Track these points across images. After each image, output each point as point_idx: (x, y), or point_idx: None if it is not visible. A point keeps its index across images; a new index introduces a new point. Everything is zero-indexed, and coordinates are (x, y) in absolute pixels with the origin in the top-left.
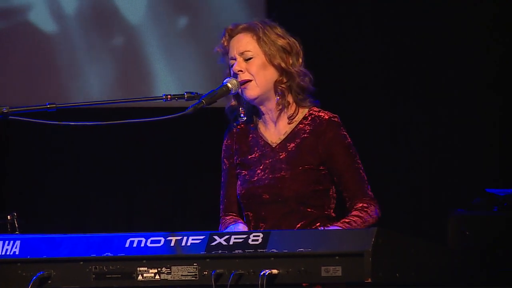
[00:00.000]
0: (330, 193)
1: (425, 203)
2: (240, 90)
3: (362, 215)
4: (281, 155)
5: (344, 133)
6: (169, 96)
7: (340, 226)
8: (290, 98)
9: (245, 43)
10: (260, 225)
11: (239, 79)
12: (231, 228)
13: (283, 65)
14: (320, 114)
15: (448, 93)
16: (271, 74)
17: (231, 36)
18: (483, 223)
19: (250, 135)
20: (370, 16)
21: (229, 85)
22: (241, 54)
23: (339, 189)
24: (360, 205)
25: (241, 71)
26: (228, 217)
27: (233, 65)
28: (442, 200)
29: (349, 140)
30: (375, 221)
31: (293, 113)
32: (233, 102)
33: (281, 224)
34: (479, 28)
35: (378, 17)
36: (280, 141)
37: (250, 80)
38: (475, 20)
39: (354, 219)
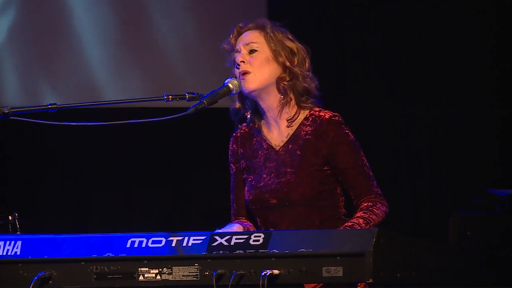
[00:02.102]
0: (338, 192)
1: (426, 203)
2: (240, 81)
3: (366, 215)
4: (284, 158)
5: (346, 131)
6: (170, 97)
7: None
8: (292, 98)
9: (252, 37)
10: (270, 230)
11: (240, 70)
12: (226, 228)
13: (287, 63)
14: (320, 114)
15: (449, 93)
16: (274, 70)
17: (239, 33)
18: (484, 223)
19: (254, 139)
20: (372, 15)
21: (230, 85)
22: (246, 45)
23: (344, 188)
24: (366, 204)
25: (243, 61)
26: (236, 221)
27: (236, 58)
28: (443, 200)
29: (352, 137)
30: (381, 219)
31: (293, 116)
32: (238, 105)
33: (290, 228)
34: (480, 28)
35: (380, 16)
36: (283, 143)
37: (250, 72)
38: (476, 19)
39: (357, 221)
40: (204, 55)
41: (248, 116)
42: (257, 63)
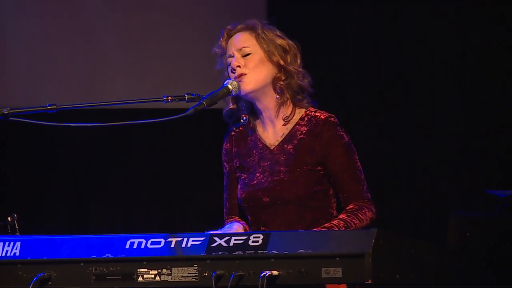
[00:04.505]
0: (330, 193)
1: (426, 204)
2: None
3: (348, 219)
4: (279, 157)
5: (341, 133)
6: (169, 98)
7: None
8: (288, 97)
9: (243, 40)
10: (261, 228)
11: (236, 74)
12: (226, 228)
13: (281, 62)
14: (316, 114)
15: (448, 93)
16: (269, 70)
17: (229, 36)
18: (483, 224)
19: (249, 138)
20: (371, 15)
21: (229, 86)
22: (239, 50)
23: (334, 189)
24: (351, 207)
25: (238, 66)
26: (230, 220)
27: (230, 63)
28: (442, 201)
29: (346, 140)
30: (365, 224)
31: (289, 115)
32: (232, 106)
33: (282, 227)
34: (480, 27)
35: (379, 16)
36: (278, 143)
37: (246, 74)
38: (476, 18)
39: (338, 223)
40: (204, 55)
41: (245, 118)
42: (252, 64)
